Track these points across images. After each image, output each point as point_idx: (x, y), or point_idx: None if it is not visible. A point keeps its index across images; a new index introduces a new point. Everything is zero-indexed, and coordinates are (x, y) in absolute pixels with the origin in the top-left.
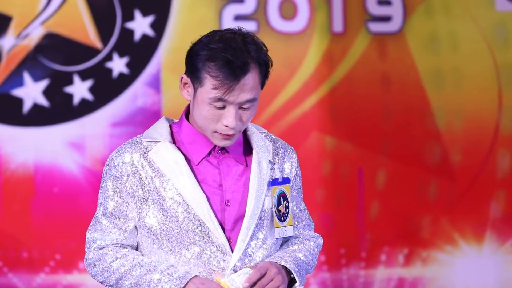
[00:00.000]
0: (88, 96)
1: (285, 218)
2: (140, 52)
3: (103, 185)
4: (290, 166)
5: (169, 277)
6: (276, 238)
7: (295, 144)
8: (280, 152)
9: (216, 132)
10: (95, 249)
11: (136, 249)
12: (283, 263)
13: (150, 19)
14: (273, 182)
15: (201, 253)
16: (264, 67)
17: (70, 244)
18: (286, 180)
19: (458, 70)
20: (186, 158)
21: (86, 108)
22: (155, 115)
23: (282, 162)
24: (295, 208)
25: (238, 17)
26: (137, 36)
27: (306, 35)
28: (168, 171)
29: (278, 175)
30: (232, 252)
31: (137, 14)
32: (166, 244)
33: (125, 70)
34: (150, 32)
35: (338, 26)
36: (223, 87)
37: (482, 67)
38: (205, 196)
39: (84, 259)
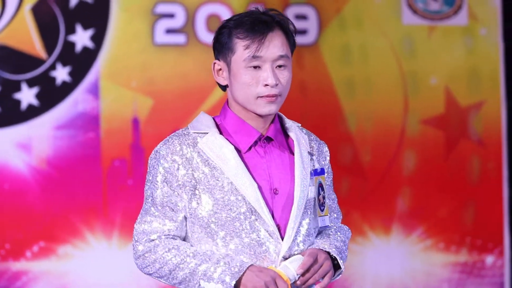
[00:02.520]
0: (34, 102)
1: (323, 208)
2: (81, 62)
3: (150, 177)
4: (324, 159)
5: (226, 266)
6: (320, 227)
7: None
8: (315, 144)
9: (259, 97)
10: (146, 241)
11: (185, 240)
12: (327, 249)
13: (90, 32)
14: (314, 172)
15: (252, 240)
16: (288, 32)
17: (18, 235)
18: (322, 171)
19: (368, 79)
20: (235, 148)
21: (32, 112)
22: (94, 119)
23: (318, 154)
24: (328, 200)
25: (169, 31)
26: (78, 47)
27: None
28: (219, 161)
29: (317, 165)
30: (282, 239)
31: (79, 27)
32: (218, 232)
33: (67, 78)
34: (90, 44)
35: None
36: (254, 43)
37: (390, 76)
38: (255, 184)
39: (133, 252)
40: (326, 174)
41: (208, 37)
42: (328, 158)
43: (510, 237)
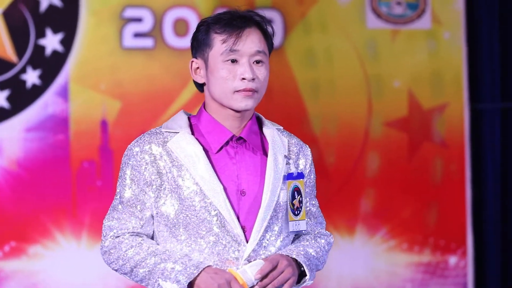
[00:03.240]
0: (5, 105)
1: (298, 212)
2: (51, 65)
3: (121, 174)
4: (304, 163)
5: (182, 266)
6: (290, 232)
7: None
8: (295, 148)
9: (235, 91)
10: (111, 237)
11: (152, 238)
12: (294, 256)
13: (59, 36)
14: (289, 176)
15: (216, 242)
16: (266, 32)
17: None
18: (300, 175)
19: (333, 82)
20: (204, 149)
21: (3, 115)
22: (64, 121)
23: (297, 158)
24: (308, 205)
25: (137, 35)
26: (48, 51)
27: None
28: (186, 161)
29: (293, 169)
30: (247, 242)
31: (48, 31)
32: (182, 232)
33: (37, 81)
34: (59, 47)
35: None
36: (231, 37)
37: (354, 78)
38: (221, 186)
39: (100, 247)
40: (305, 178)
41: (175, 41)
42: (310, 161)
43: (473, 237)
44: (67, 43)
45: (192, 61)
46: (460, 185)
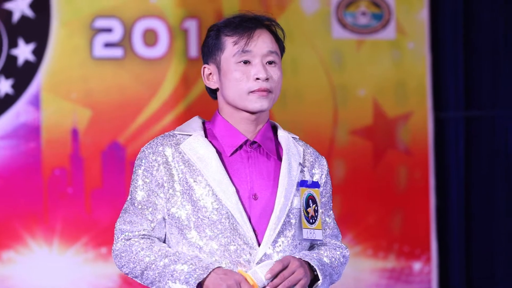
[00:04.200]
0: None
1: (314, 221)
2: (23, 75)
3: (133, 177)
4: (320, 173)
5: (192, 267)
6: (304, 239)
7: None
8: (310, 157)
9: (250, 92)
10: (122, 239)
11: (164, 241)
12: (307, 259)
13: (31, 46)
14: (302, 183)
15: (228, 244)
16: (276, 35)
17: None
18: (315, 185)
19: (299, 91)
20: (218, 151)
21: None
22: (35, 129)
23: (312, 167)
24: (323, 216)
25: (107, 45)
26: (21, 61)
27: (165, 60)
28: (199, 163)
29: (307, 177)
30: (259, 246)
31: (21, 42)
32: (194, 234)
33: (10, 90)
34: (31, 57)
35: (193, 52)
36: (242, 38)
37: (320, 88)
38: (234, 188)
39: (112, 250)
40: (321, 188)
41: (144, 51)
42: (326, 172)
43: (437, 243)
44: (39, 53)
45: (204, 67)
46: (424, 192)
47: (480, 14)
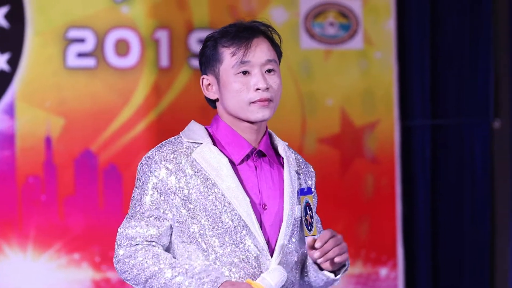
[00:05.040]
0: None
1: (311, 227)
2: None
3: (140, 183)
4: (310, 179)
5: (199, 281)
6: (305, 245)
7: (126, 163)
8: (301, 164)
9: (251, 103)
10: (127, 245)
11: (167, 250)
12: None
13: (6, 56)
14: (301, 191)
15: (242, 255)
16: (273, 41)
17: None
18: (310, 191)
19: None
20: (230, 160)
21: None
22: (10, 138)
23: (304, 174)
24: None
25: (80, 54)
26: None
27: (137, 69)
28: (213, 172)
29: (303, 184)
30: (271, 256)
31: None
32: (208, 245)
33: None
34: (6, 67)
35: (164, 62)
36: (240, 49)
37: (288, 97)
38: (248, 199)
39: (114, 256)
40: (312, 193)
41: (117, 61)
42: (314, 179)
43: (403, 250)
44: (14, 63)
45: (203, 78)
46: (391, 200)
47: (447, 24)
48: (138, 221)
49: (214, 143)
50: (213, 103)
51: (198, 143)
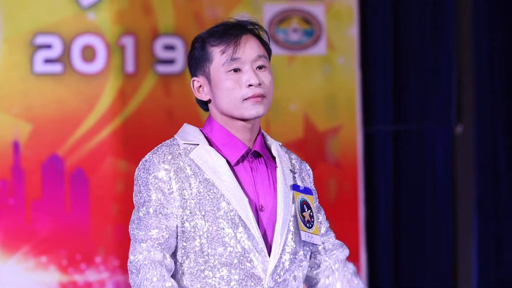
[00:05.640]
0: None
1: (310, 225)
2: None
3: (141, 188)
4: (308, 176)
5: None
6: (303, 241)
7: (93, 167)
8: (296, 163)
9: (244, 100)
10: (145, 251)
11: (174, 252)
12: None
13: None
14: (294, 187)
15: (240, 256)
16: (261, 38)
17: None
18: (307, 191)
19: None
20: (227, 161)
21: None
22: None
23: (300, 173)
24: (320, 222)
25: (47, 60)
26: None
27: (103, 75)
28: (212, 173)
29: (299, 183)
30: (269, 256)
31: None
32: (206, 245)
33: None
34: None
35: (130, 67)
36: (229, 46)
37: None
38: (247, 199)
39: (131, 260)
40: (314, 193)
41: (83, 67)
42: (311, 176)
43: (366, 254)
44: None
45: (193, 80)
46: (354, 204)
47: (409, 29)
48: (148, 223)
49: (210, 144)
50: (204, 105)
51: (194, 144)
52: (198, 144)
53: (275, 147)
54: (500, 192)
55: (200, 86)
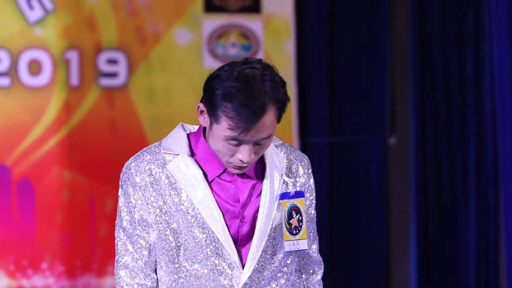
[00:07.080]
0: None
1: (297, 231)
2: None
3: (123, 194)
4: (303, 173)
5: None
6: (286, 251)
7: (39, 177)
8: (293, 165)
9: (230, 163)
10: (122, 267)
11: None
12: None
13: None
14: (284, 196)
15: (212, 268)
16: (281, 104)
17: None
18: (299, 194)
19: (172, 117)
20: (204, 173)
21: None
22: None
23: (295, 175)
24: (308, 222)
25: None
26: None
27: (49, 88)
28: (187, 186)
29: (290, 189)
30: (243, 267)
31: None
32: (179, 257)
33: None
34: None
35: (74, 81)
36: (239, 129)
37: (192, 114)
38: (221, 213)
39: (117, 266)
40: (307, 193)
41: (30, 80)
42: (310, 169)
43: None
44: None
45: (199, 105)
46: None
47: (344, 44)
48: (127, 232)
49: (192, 154)
50: None
51: (175, 154)
52: (178, 154)
53: (268, 153)
54: (444, 200)
55: (203, 112)
